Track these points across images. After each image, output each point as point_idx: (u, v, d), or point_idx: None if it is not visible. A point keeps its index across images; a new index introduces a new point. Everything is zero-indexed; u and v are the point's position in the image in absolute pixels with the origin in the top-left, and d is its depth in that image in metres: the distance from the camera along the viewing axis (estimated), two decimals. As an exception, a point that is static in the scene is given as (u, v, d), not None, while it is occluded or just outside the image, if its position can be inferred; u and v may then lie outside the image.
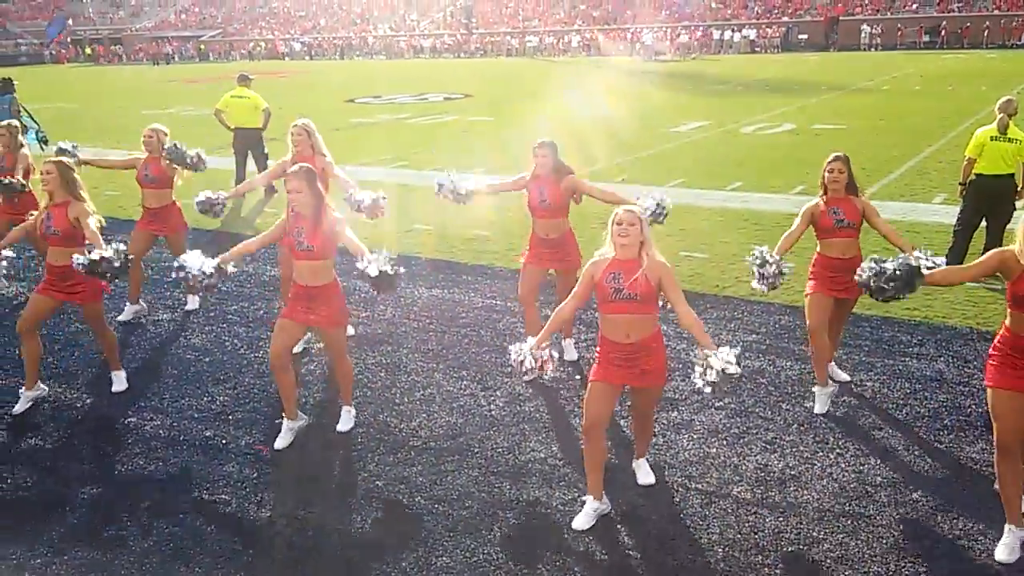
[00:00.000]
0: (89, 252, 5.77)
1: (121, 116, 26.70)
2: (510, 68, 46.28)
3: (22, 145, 8.88)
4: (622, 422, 5.78)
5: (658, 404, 5.14)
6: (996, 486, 4.49)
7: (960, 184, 8.96)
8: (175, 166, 7.80)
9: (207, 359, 7.15)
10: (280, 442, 5.65)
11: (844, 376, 6.35)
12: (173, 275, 5.55)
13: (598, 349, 4.75)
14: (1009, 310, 4.30)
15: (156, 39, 73.87)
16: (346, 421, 5.92)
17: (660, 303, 4.69)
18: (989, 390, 4.36)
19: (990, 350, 4.43)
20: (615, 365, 4.64)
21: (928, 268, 4.61)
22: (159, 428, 5.98)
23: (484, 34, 65.35)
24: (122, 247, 5.93)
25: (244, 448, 5.68)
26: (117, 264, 5.78)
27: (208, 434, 5.88)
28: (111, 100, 33.60)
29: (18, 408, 6.24)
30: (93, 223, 6.03)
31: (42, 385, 6.43)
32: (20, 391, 6.31)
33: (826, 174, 5.86)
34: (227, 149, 14.38)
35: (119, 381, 6.61)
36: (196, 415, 6.16)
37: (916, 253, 4.88)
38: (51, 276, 6.16)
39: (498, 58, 59.22)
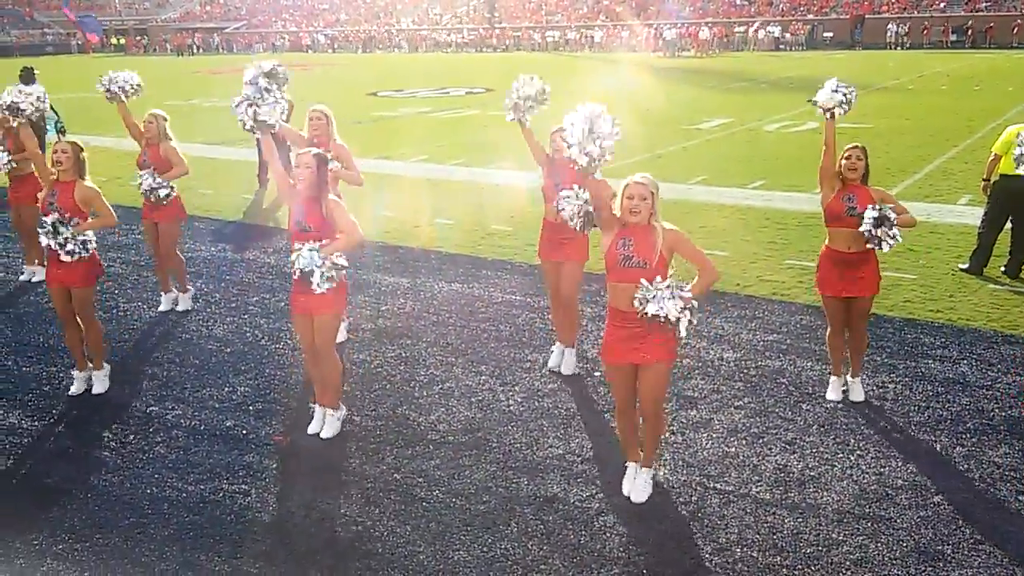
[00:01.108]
0: (54, 226, 5.97)
1: (145, 106, 26.89)
2: (532, 63, 46.17)
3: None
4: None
5: (665, 391, 4.90)
6: None
7: (983, 180, 8.85)
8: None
9: (228, 350, 7.20)
10: (312, 428, 5.72)
11: (860, 396, 6.04)
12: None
13: (606, 320, 4.79)
14: None
15: (181, 30, 74.34)
16: (329, 426, 5.71)
17: (670, 272, 4.62)
18: None
19: None
20: (621, 340, 4.65)
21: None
22: (180, 418, 6.03)
23: (507, 28, 65.27)
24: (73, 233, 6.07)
25: (264, 439, 5.72)
26: (72, 244, 6.00)
27: (229, 424, 5.92)
28: (135, 90, 33.79)
29: (74, 390, 6.39)
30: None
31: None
32: (73, 372, 6.48)
33: (843, 161, 5.80)
34: (249, 141, 14.45)
35: (100, 382, 6.46)
36: (217, 405, 6.20)
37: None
38: (51, 255, 6.21)
39: (520, 53, 59.13)
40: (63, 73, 42.68)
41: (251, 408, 6.15)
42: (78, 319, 6.31)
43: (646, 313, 4.45)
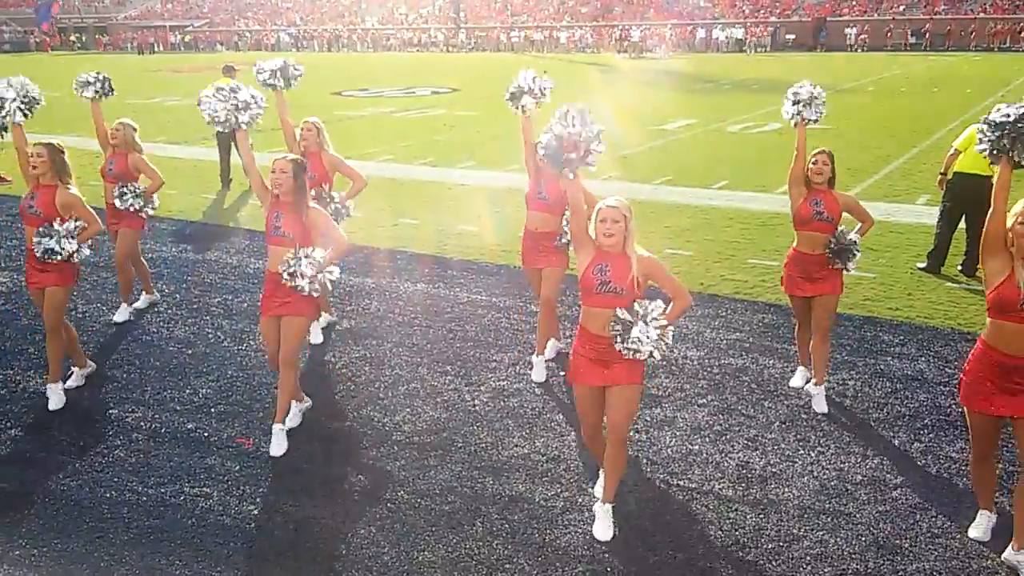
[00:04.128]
0: (54, 239, 5.88)
1: (104, 104, 26.49)
2: (498, 63, 46.19)
3: None
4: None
5: (634, 416, 4.81)
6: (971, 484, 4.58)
7: (940, 174, 9.00)
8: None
9: (190, 351, 7.11)
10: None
11: (823, 407, 5.97)
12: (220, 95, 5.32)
13: (575, 340, 4.73)
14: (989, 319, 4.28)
15: (142, 28, 73.26)
16: (278, 442, 5.47)
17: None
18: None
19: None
20: (590, 362, 4.54)
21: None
22: (140, 420, 5.95)
23: (473, 28, 65.21)
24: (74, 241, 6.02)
25: (226, 441, 5.66)
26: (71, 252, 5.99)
27: (190, 427, 5.85)
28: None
29: (70, 383, 6.38)
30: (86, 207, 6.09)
31: (91, 362, 6.68)
32: (73, 369, 6.47)
33: (810, 165, 5.88)
34: (211, 140, 14.32)
35: (56, 397, 6.14)
36: (178, 407, 6.13)
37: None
38: (29, 258, 6.10)
39: (486, 53, 59.11)
40: (23, 71, 41.83)
41: (213, 410, 6.08)
42: (52, 326, 6.08)
43: (625, 348, 4.37)
